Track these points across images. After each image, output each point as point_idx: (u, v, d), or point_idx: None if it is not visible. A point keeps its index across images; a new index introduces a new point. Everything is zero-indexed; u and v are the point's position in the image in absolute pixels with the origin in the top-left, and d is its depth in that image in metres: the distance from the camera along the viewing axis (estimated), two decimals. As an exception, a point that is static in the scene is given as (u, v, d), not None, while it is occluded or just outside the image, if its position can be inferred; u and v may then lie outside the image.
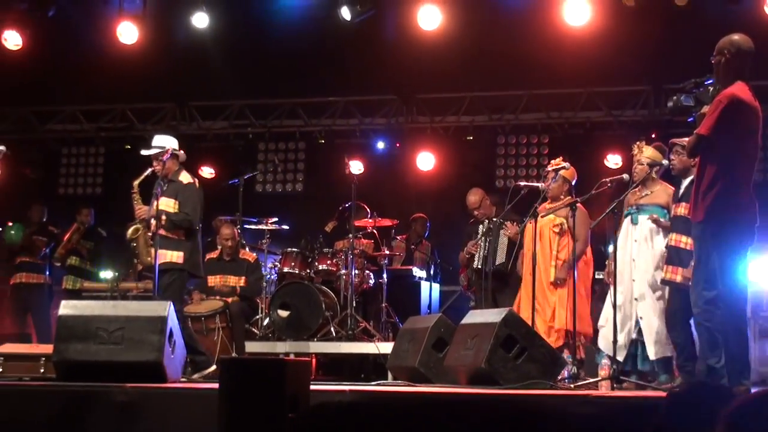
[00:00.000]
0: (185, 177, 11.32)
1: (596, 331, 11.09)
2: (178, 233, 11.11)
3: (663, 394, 7.81)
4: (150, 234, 10.90)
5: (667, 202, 10.23)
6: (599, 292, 11.99)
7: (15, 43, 14.66)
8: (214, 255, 13.60)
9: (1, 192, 12.49)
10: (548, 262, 11.18)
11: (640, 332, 10.31)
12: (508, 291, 11.92)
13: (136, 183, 11.16)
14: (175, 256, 11.03)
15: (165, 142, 11.38)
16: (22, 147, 18.19)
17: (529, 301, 10.74)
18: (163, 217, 10.92)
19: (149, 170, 11.15)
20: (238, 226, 14.04)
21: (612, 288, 10.06)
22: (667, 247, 9.86)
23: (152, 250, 10.90)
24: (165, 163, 11.16)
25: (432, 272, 15.73)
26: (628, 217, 10.48)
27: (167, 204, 11.01)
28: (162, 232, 10.94)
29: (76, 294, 15.12)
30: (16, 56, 14.95)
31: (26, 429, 7.47)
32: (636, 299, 10.31)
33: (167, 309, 8.43)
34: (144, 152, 11.43)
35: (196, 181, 11.40)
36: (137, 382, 7.61)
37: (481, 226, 12.72)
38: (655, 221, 10.33)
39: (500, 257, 12.17)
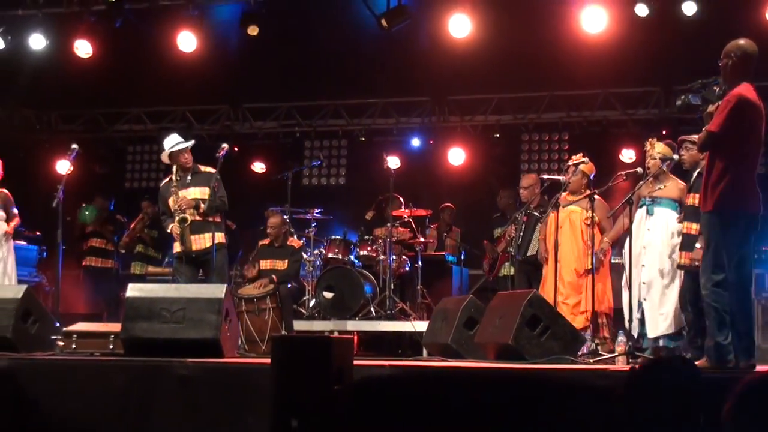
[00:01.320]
0: (206, 168, 11.35)
1: (617, 311, 11.10)
2: (217, 216, 11.17)
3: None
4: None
5: (680, 197, 10.20)
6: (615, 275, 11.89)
7: (86, 52, 14.69)
8: (266, 242, 13.62)
9: (73, 186, 12.53)
10: (579, 252, 11.11)
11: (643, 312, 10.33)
12: (540, 275, 11.85)
13: (175, 179, 11.17)
14: (221, 237, 11.15)
15: (176, 139, 11.37)
16: (92, 145, 18.33)
17: (553, 283, 10.74)
18: (202, 206, 10.96)
19: (174, 168, 11.21)
20: (287, 216, 14.04)
21: (627, 272, 10.07)
22: (681, 234, 9.84)
23: (195, 237, 10.96)
24: (220, 160, 11.17)
25: (462, 257, 15.74)
26: (643, 208, 10.44)
27: (203, 192, 11.06)
28: (198, 217, 10.99)
29: (141, 278, 15.21)
30: (87, 63, 15.00)
31: (97, 399, 7.50)
32: (644, 283, 10.28)
33: (224, 291, 8.44)
34: (172, 149, 11.36)
35: None
36: (197, 358, 7.63)
37: (517, 215, 12.62)
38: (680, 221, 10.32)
39: (532, 250, 12.10)
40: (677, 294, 10.12)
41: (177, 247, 11.15)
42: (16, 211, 12.65)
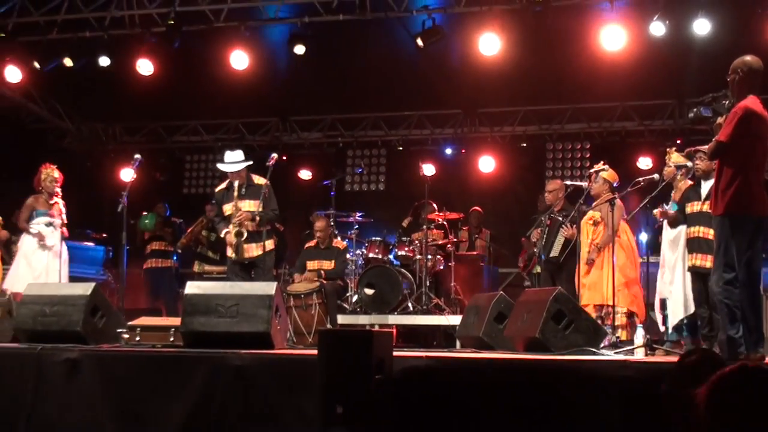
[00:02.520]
0: (259, 179, 11.30)
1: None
2: (271, 225, 11.19)
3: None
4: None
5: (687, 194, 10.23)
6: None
7: (147, 70, 14.77)
8: (312, 244, 13.65)
9: (136, 192, 12.60)
10: (584, 250, 11.15)
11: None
12: (563, 275, 11.82)
13: (236, 190, 11.12)
14: (270, 243, 11.14)
15: (241, 156, 11.32)
16: (153, 155, 18.51)
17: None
18: (257, 218, 10.96)
19: (232, 182, 11.16)
20: (332, 220, 14.07)
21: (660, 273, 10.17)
22: (695, 238, 9.81)
23: (248, 246, 10.98)
24: (270, 168, 11.17)
25: (492, 256, 15.73)
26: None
27: (256, 204, 11.02)
28: (252, 229, 11.00)
29: (199, 276, 15.27)
30: (148, 81, 15.08)
31: (159, 387, 7.54)
32: (666, 282, 10.33)
33: (274, 288, 8.45)
34: (229, 169, 11.33)
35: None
36: (250, 349, 7.64)
37: (543, 218, 12.62)
38: (662, 214, 10.32)
39: (554, 251, 12.04)
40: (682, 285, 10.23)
41: (229, 252, 11.18)
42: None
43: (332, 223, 14.04)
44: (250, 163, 11.29)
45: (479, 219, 16.29)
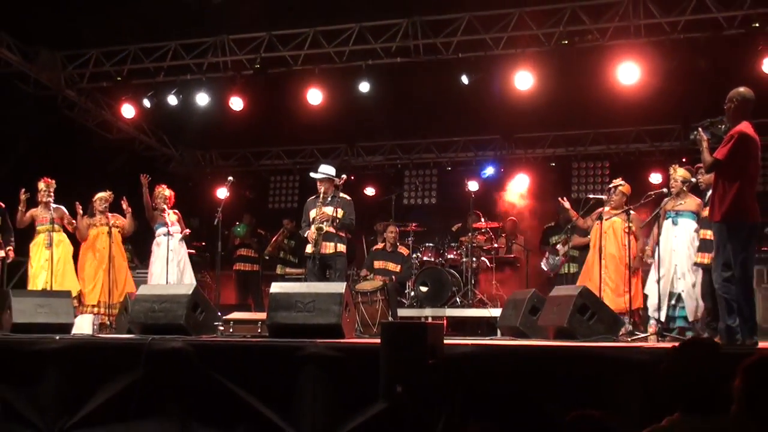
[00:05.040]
0: (345, 195, 11.36)
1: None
2: (345, 232, 11.19)
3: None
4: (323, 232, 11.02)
5: (697, 209, 10.19)
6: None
7: (238, 106, 14.95)
8: (380, 246, 13.74)
9: (229, 208, 12.76)
10: (621, 254, 10.96)
11: (678, 301, 10.22)
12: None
13: (321, 198, 11.18)
14: (343, 247, 11.13)
15: (331, 170, 11.41)
16: (243, 176, 18.72)
17: (591, 278, 10.78)
18: (336, 221, 10.98)
19: (320, 192, 11.21)
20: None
21: (656, 270, 10.00)
22: (703, 239, 9.75)
23: (324, 243, 10.97)
24: (339, 186, 11.23)
25: (526, 259, 15.70)
26: (669, 219, 10.38)
27: (336, 212, 11.06)
28: (331, 230, 11.00)
29: (281, 277, 15.40)
30: (239, 115, 15.25)
31: (248, 369, 7.61)
32: (679, 278, 10.21)
33: (344, 287, 8.51)
34: (316, 176, 11.42)
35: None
36: (324, 339, 7.70)
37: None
38: (698, 231, 10.21)
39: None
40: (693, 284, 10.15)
41: (309, 249, 11.15)
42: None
43: (397, 231, 14.15)
44: (329, 176, 11.31)
45: (514, 226, 16.25)
